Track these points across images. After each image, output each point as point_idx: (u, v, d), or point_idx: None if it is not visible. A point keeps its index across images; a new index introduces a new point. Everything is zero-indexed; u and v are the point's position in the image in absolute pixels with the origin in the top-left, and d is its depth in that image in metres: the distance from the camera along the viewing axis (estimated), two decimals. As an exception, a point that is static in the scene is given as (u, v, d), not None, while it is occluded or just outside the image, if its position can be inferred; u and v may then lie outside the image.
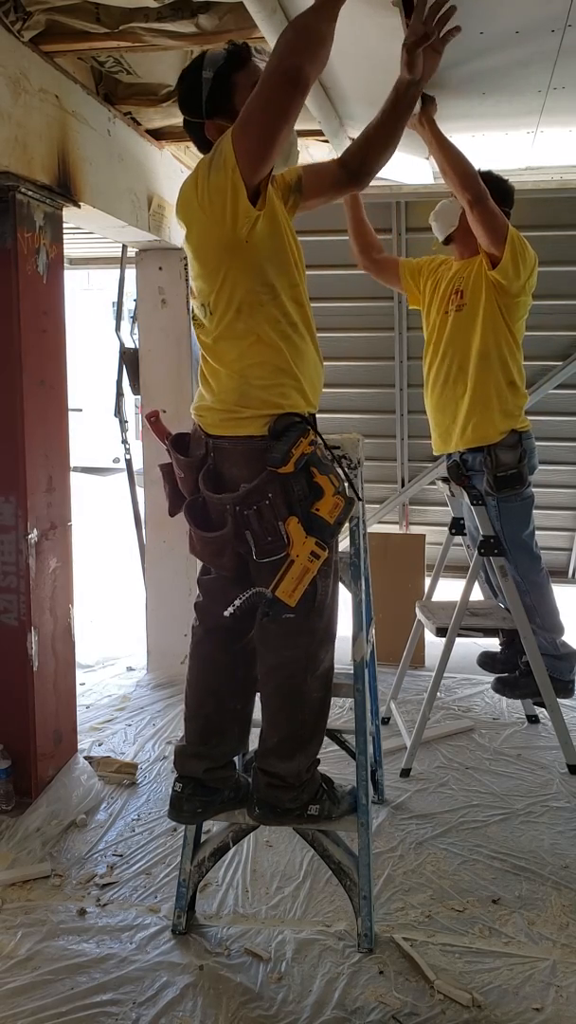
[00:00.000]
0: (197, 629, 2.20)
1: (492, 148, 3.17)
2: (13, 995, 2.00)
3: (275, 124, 1.80)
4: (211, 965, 2.11)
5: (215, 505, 2.00)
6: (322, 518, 1.93)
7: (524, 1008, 1.96)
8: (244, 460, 1.97)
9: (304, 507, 1.93)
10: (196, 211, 1.92)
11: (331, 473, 1.96)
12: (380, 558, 4.05)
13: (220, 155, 1.85)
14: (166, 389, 4.03)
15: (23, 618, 2.76)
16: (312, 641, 2.02)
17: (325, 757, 3.08)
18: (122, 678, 4.15)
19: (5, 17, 2.43)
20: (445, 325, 3.07)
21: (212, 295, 1.95)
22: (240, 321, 1.93)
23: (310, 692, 2.06)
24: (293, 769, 2.07)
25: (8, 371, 2.67)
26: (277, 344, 1.95)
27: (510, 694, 3.34)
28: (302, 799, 2.11)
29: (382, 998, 1.99)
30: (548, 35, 2.17)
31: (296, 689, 2.04)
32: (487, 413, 3.01)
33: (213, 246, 1.92)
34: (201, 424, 2.07)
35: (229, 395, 1.98)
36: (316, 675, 2.06)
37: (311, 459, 1.93)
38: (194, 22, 2.49)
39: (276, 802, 2.09)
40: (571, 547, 4.66)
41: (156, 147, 3.59)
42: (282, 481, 1.90)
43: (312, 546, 1.91)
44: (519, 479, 3.02)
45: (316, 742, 2.12)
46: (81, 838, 2.69)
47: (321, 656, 2.06)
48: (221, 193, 1.85)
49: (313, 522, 1.93)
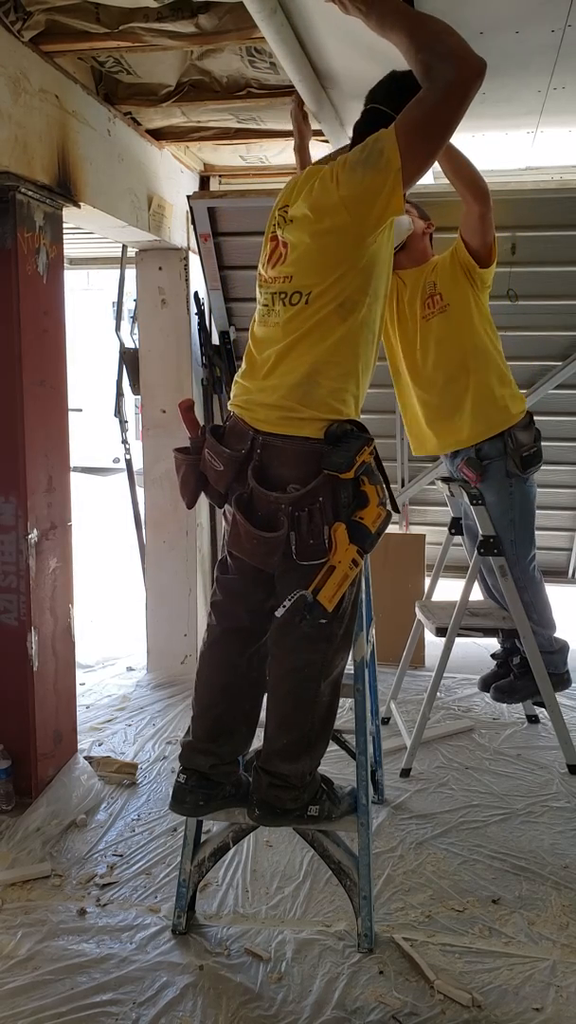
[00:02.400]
0: (214, 628, 2.18)
1: (492, 148, 3.17)
2: (13, 995, 2.00)
3: (452, 133, 1.82)
4: (211, 965, 2.11)
5: (267, 503, 1.96)
6: (365, 526, 1.95)
7: (524, 1008, 1.96)
8: (297, 460, 1.96)
9: (348, 514, 1.95)
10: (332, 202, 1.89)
11: (379, 484, 1.99)
12: (380, 558, 4.06)
13: (380, 156, 1.82)
14: (166, 389, 4.03)
15: (23, 618, 2.76)
16: (330, 647, 2.03)
17: (325, 757, 3.08)
18: (122, 678, 4.15)
19: (5, 17, 2.43)
20: (429, 331, 3.06)
21: (320, 286, 1.92)
22: (336, 317, 1.93)
23: (322, 696, 2.07)
24: (297, 770, 2.07)
25: (8, 371, 2.67)
26: (357, 349, 1.98)
27: (509, 700, 3.35)
28: (303, 799, 2.11)
29: (382, 998, 1.99)
30: (548, 35, 2.18)
31: (310, 693, 2.04)
32: (497, 400, 3.04)
33: (345, 242, 1.90)
34: (248, 418, 2.03)
35: (292, 391, 1.96)
36: (329, 680, 2.07)
37: (366, 468, 1.96)
38: (194, 22, 2.48)
39: (277, 802, 2.09)
40: (571, 547, 4.66)
41: (156, 147, 3.59)
42: (334, 486, 1.92)
43: (353, 554, 1.93)
44: (539, 456, 3.08)
45: (322, 745, 2.13)
46: (81, 838, 2.69)
47: (337, 662, 2.07)
48: (374, 193, 1.83)
49: (355, 529, 1.94)
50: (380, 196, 1.83)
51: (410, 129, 1.80)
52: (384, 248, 1.97)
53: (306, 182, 2.01)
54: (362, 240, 1.90)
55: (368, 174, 1.83)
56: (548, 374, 4.15)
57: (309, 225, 1.95)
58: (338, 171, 1.89)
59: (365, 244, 1.90)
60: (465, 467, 3.06)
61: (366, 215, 1.86)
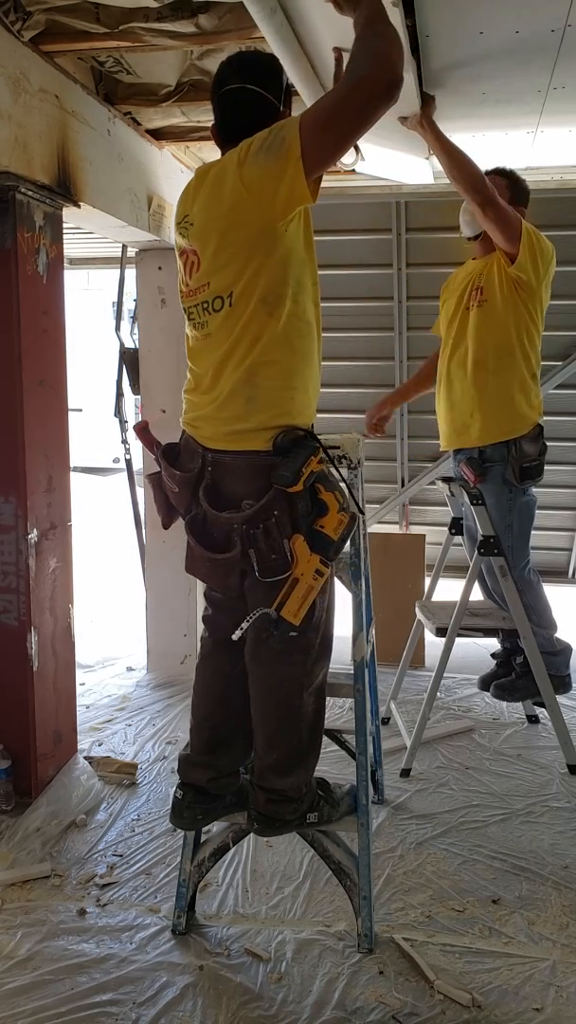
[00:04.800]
0: (207, 641, 2.18)
1: (492, 148, 3.17)
2: (13, 995, 1.99)
3: (361, 129, 1.77)
4: (211, 965, 2.11)
5: (219, 523, 1.93)
6: (326, 535, 1.89)
7: (524, 1008, 1.96)
8: (248, 476, 1.91)
9: (308, 523, 1.89)
10: (233, 185, 1.84)
11: (336, 490, 1.93)
12: (380, 558, 4.05)
13: (283, 143, 1.78)
14: (166, 389, 4.02)
15: (23, 618, 2.76)
16: (308, 658, 1.99)
17: (325, 757, 3.07)
18: (122, 678, 4.15)
19: (5, 17, 2.43)
20: (466, 321, 3.08)
21: (239, 285, 1.86)
22: (263, 314, 1.87)
23: (306, 708, 2.02)
24: (292, 783, 2.05)
25: (8, 371, 2.66)
26: (292, 344, 1.90)
27: (509, 698, 3.35)
28: (301, 810, 2.09)
29: (382, 998, 1.99)
30: (548, 35, 2.18)
31: (294, 708, 2.00)
32: (513, 406, 3.03)
33: (252, 232, 1.85)
34: (196, 436, 1.99)
35: (233, 401, 1.90)
36: (311, 690, 2.02)
37: (318, 476, 1.90)
38: (194, 22, 2.48)
39: (275, 815, 2.06)
40: (571, 547, 4.66)
41: (156, 147, 3.59)
42: (288, 498, 1.86)
43: (316, 564, 1.88)
44: (540, 470, 3.07)
45: (314, 755, 2.10)
46: (81, 838, 2.69)
47: (317, 672, 2.03)
48: (274, 179, 1.78)
49: (317, 539, 1.89)
50: (282, 183, 1.78)
51: (315, 118, 1.79)
52: (300, 237, 1.89)
53: (199, 184, 1.96)
54: (270, 229, 1.83)
55: (269, 159, 1.79)
56: (548, 374, 4.16)
57: (213, 223, 1.89)
58: (242, 155, 1.84)
59: (275, 233, 1.84)
60: (465, 466, 3.07)
61: (269, 202, 1.80)
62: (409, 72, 2.32)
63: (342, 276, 4.31)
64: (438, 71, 2.46)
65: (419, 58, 2.34)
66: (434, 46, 2.27)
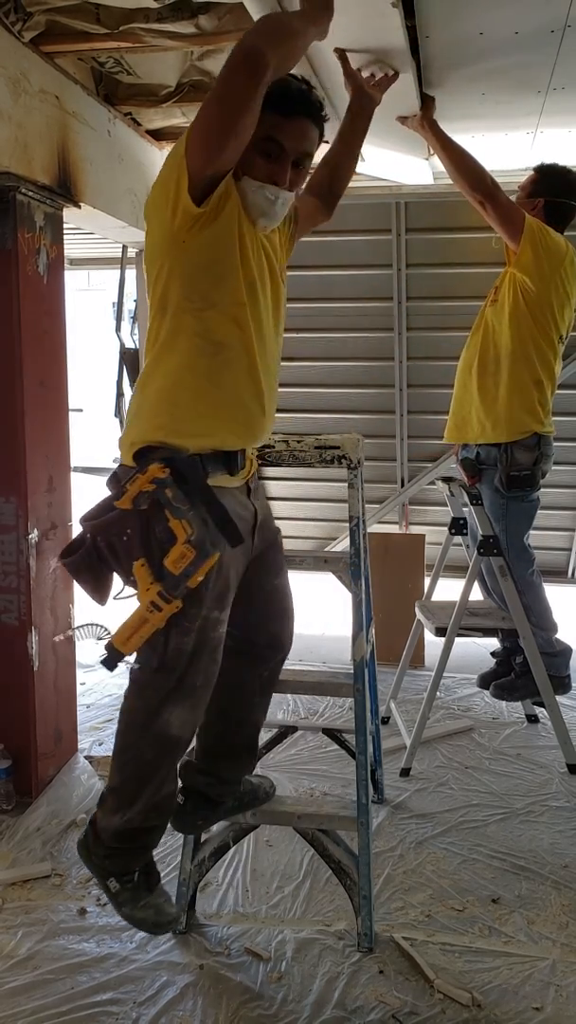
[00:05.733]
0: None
1: (492, 148, 3.17)
2: (13, 995, 2.00)
3: (228, 111, 1.59)
4: (211, 964, 2.11)
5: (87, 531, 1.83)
6: (165, 567, 1.70)
7: (524, 1007, 1.96)
8: (109, 488, 1.82)
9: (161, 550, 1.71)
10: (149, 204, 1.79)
11: (185, 519, 1.69)
12: (380, 558, 4.05)
13: (177, 144, 1.69)
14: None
15: (23, 618, 2.76)
16: (156, 695, 1.80)
17: (325, 756, 3.10)
18: (123, 678, 4.13)
19: (5, 18, 2.44)
20: (483, 318, 3.10)
21: (152, 295, 1.78)
22: (158, 326, 1.77)
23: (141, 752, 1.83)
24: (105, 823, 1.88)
25: (8, 371, 2.67)
26: (191, 360, 1.75)
27: (509, 697, 3.35)
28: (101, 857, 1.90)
29: (382, 997, 1.99)
30: (548, 36, 2.18)
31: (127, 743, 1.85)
32: (507, 410, 3.01)
33: (154, 240, 1.77)
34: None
35: (130, 410, 1.85)
36: (152, 733, 1.81)
37: (160, 499, 1.69)
38: (194, 22, 2.49)
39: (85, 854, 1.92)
40: (571, 547, 4.66)
41: (156, 148, 3.59)
42: (146, 519, 1.71)
43: (154, 595, 1.70)
44: (531, 481, 3.02)
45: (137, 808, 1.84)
46: (81, 838, 2.69)
47: (164, 715, 1.79)
48: (166, 183, 1.69)
49: (163, 571, 1.71)
50: (170, 185, 1.68)
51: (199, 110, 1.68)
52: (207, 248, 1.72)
53: None
54: (168, 234, 1.71)
55: (166, 165, 1.72)
56: (548, 374, 4.15)
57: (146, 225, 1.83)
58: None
59: (174, 239, 1.71)
60: (461, 466, 3.07)
61: (163, 207, 1.70)
62: (409, 72, 2.33)
63: (342, 276, 4.32)
64: (438, 71, 2.46)
65: (419, 59, 2.34)
66: (434, 46, 2.28)
